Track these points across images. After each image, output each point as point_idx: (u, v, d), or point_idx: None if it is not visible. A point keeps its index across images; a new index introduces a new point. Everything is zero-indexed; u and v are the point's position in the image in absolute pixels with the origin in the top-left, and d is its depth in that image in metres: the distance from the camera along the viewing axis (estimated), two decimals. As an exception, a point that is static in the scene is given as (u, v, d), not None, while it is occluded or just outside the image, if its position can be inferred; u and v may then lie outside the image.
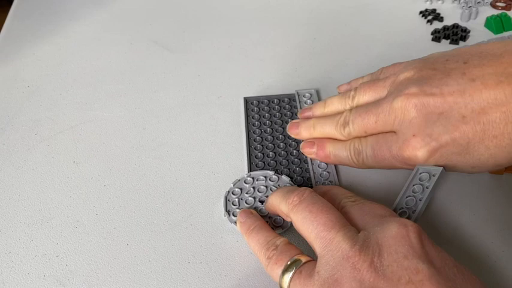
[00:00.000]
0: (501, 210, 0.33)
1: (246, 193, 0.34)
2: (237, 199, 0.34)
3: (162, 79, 0.47)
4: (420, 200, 0.31)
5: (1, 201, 0.36)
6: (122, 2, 0.60)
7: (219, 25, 0.55)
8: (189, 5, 0.58)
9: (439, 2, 0.56)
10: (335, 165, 0.36)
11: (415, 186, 0.32)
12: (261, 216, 0.32)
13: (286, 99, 0.43)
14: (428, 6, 0.56)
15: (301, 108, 0.41)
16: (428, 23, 0.53)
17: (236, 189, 0.35)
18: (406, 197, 0.32)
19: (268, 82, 0.46)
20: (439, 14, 0.54)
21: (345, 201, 0.29)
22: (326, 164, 0.36)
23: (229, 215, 0.33)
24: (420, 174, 0.33)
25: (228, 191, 0.35)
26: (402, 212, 0.31)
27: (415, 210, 0.31)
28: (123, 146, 0.40)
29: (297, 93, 0.43)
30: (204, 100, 0.44)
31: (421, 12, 0.54)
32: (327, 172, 0.36)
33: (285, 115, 0.41)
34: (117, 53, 0.51)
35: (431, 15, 0.54)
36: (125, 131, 0.41)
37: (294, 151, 0.38)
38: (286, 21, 0.55)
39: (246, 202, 0.34)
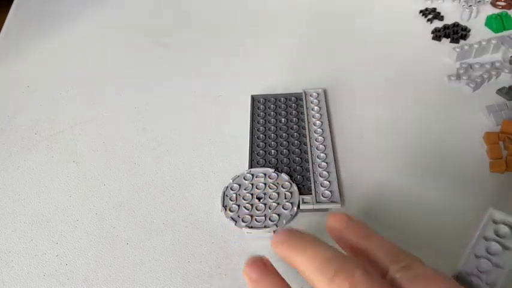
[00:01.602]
0: (501, 210, 0.33)
1: (244, 189, 0.34)
2: (234, 194, 0.34)
3: (162, 78, 0.47)
4: (503, 268, 0.23)
5: (1, 201, 0.36)
6: (122, 2, 0.60)
7: (228, 23, 0.55)
8: (189, 5, 0.58)
9: (439, 1, 0.56)
10: (335, 165, 0.36)
11: (491, 244, 0.24)
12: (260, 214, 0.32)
13: (293, 98, 0.43)
14: (429, 5, 0.55)
15: (307, 107, 0.41)
16: (429, 22, 0.53)
17: (235, 184, 0.35)
18: (477, 257, 0.23)
19: (276, 81, 0.46)
20: (439, 13, 0.54)
21: (394, 272, 0.22)
22: (326, 163, 0.36)
23: (225, 210, 0.33)
24: (496, 224, 0.25)
25: (227, 187, 0.34)
26: (474, 285, 0.22)
27: (495, 285, 0.22)
28: (123, 146, 0.40)
29: (304, 92, 0.43)
30: (207, 99, 0.44)
31: (421, 11, 0.54)
32: (327, 172, 0.36)
33: (290, 113, 0.41)
34: (117, 52, 0.51)
35: (431, 14, 0.54)
36: (124, 131, 0.41)
37: (296, 150, 0.38)
38: (295, 21, 0.55)
39: (243, 198, 0.34)
